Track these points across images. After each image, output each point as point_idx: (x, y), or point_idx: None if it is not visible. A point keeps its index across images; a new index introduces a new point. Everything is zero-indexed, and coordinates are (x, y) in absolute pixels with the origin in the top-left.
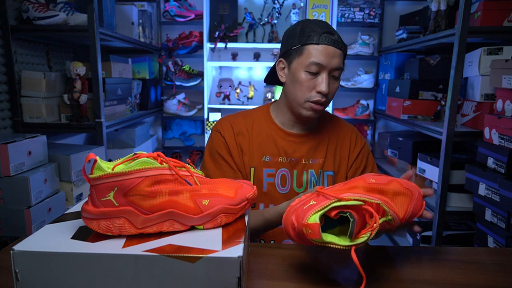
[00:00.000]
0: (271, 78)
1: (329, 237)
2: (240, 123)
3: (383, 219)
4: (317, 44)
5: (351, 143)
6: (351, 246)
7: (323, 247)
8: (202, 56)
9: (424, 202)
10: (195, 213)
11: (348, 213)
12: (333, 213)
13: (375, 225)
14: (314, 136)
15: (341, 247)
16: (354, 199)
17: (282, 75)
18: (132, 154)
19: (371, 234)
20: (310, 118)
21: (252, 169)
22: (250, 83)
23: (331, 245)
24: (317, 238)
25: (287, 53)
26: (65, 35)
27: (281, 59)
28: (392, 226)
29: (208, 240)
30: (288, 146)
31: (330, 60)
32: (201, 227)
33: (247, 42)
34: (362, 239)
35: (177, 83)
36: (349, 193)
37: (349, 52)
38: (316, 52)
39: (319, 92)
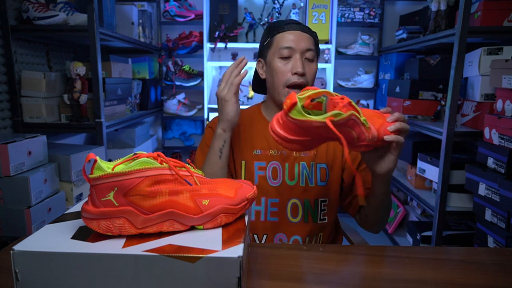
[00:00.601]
0: (258, 86)
1: (304, 116)
2: None
3: (359, 116)
4: (284, 31)
5: None
6: (325, 118)
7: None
8: (202, 56)
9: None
10: (195, 213)
11: (322, 96)
12: (306, 102)
13: (343, 102)
14: None
15: (317, 123)
16: (322, 91)
17: (262, 73)
18: (132, 154)
19: (342, 111)
20: None
21: (243, 162)
22: (250, 83)
23: (308, 123)
24: (294, 103)
25: (261, 51)
26: (65, 35)
27: (259, 59)
28: (369, 134)
29: (208, 240)
30: None
31: (298, 42)
32: (201, 227)
33: (247, 42)
34: (335, 112)
35: (177, 83)
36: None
37: (349, 52)
38: (283, 39)
39: (295, 74)
